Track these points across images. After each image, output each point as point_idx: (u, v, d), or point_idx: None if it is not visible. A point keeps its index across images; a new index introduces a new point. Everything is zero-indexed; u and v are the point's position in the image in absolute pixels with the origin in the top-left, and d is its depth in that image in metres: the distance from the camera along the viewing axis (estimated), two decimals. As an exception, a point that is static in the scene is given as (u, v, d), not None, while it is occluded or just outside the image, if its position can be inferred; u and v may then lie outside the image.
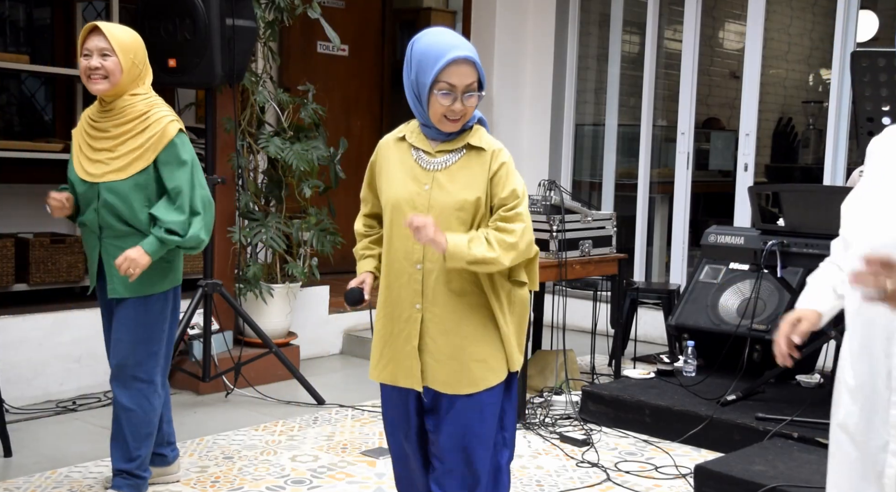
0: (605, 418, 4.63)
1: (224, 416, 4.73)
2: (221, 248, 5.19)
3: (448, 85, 2.42)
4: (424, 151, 2.56)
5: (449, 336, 2.54)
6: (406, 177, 2.55)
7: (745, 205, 6.05)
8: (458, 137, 2.54)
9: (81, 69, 3.28)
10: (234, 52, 4.66)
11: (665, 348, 5.85)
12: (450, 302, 2.52)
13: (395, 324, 2.59)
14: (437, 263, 2.50)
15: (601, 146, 7.34)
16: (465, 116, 2.48)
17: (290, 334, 5.62)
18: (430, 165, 2.54)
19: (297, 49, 7.06)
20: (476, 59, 2.45)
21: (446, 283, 2.51)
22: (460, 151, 2.54)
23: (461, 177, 2.51)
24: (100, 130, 3.31)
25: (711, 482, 3.61)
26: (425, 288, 2.52)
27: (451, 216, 2.49)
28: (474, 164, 2.52)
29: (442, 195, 2.50)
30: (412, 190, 2.52)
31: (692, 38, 6.57)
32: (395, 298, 2.57)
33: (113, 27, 3.32)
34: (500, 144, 2.58)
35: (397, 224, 2.54)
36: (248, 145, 5.40)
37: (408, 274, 2.54)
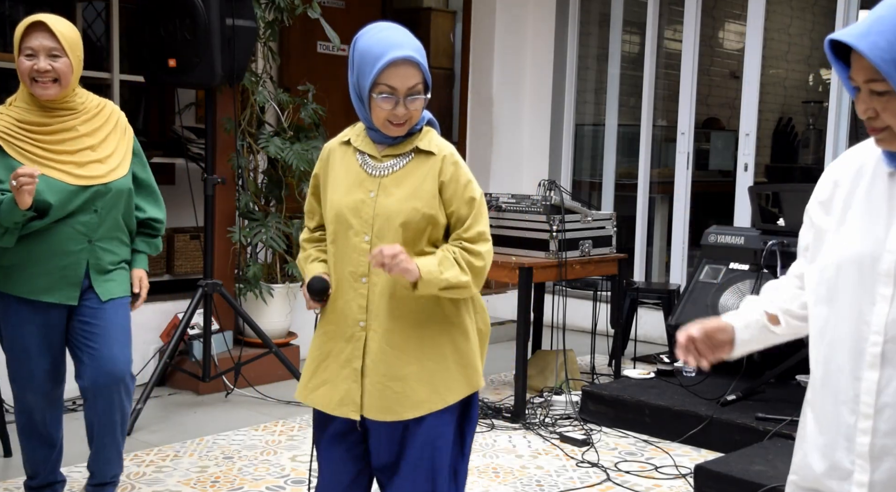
0: (605, 418, 4.63)
1: (224, 416, 4.73)
2: (221, 248, 5.19)
3: (388, 88, 2.23)
4: (370, 155, 2.36)
5: (393, 356, 2.32)
6: (351, 183, 2.35)
7: (745, 205, 6.05)
8: (405, 141, 2.36)
9: (24, 70, 2.97)
10: (234, 52, 4.66)
11: (665, 348, 5.85)
12: (398, 318, 2.31)
13: (334, 343, 2.37)
14: (384, 276, 2.28)
15: (601, 146, 7.34)
16: (410, 121, 2.30)
17: (290, 334, 5.62)
18: (376, 171, 2.34)
19: (297, 49, 7.06)
20: (419, 59, 2.25)
21: (394, 297, 2.31)
22: (408, 155, 2.35)
23: (409, 182, 2.32)
24: (59, 133, 3.05)
25: (711, 482, 3.61)
26: (370, 304, 2.32)
27: (398, 225, 2.29)
28: (423, 168, 2.33)
29: (389, 202, 2.30)
30: (357, 197, 2.33)
31: (692, 38, 6.57)
32: (338, 315, 2.36)
33: (57, 22, 3.02)
34: (450, 148, 2.39)
35: (341, 234, 2.34)
36: (248, 145, 5.40)
37: (353, 289, 2.33)
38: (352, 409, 2.34)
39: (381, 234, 2.30)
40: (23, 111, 3.04)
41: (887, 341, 1.68)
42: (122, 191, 3.14)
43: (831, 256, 1.77)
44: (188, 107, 5.94)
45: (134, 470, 3.91)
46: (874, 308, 1.69)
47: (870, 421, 1.70)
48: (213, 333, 5.00)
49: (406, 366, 2.33)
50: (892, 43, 1.58)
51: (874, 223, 1.72)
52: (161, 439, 4.33)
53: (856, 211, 1.76)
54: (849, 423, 1.72)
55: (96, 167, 3.09)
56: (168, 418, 4.66)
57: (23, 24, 3.01)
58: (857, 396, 1.71)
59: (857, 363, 1.71)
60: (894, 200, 1.71)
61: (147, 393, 4.54)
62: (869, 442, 1.70)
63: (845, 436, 1.73)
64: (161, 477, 3.84)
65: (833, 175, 1.84)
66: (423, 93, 2.29)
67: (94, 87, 5.79)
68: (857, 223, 1.75)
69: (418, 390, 2.33)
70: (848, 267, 1.73)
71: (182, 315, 4.90)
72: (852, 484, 1.73)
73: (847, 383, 1.72)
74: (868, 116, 1.67)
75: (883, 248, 1.69)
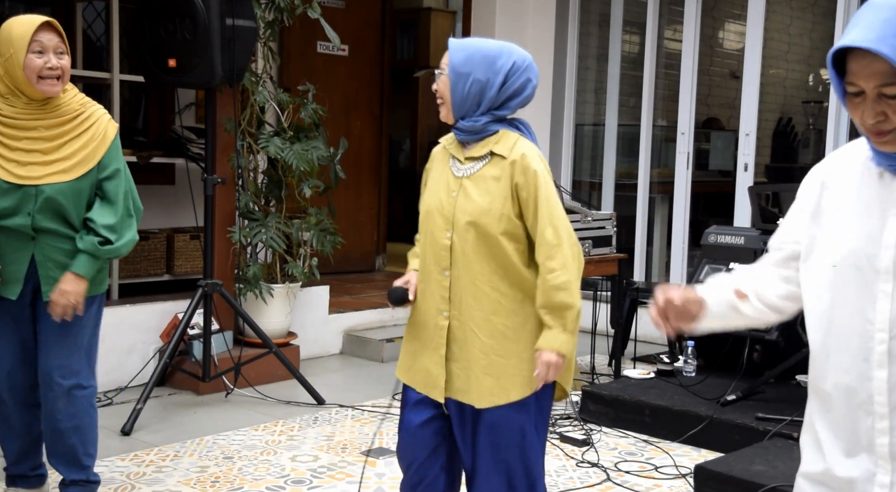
0: (605, 418, 4.63)
1: (224, 416, 4.73)
2: (221, 248, 5.19)
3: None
4: (457, 158, 2.56)
5: (469, 345, 2.50)
6: (440, 184, 2.57)
7: (745, 205, 6.05)
8: (481, 143, 2.52)
9: (35, 67, 3.00)
10: (234, 52, 4.65)
11: (665, 348, 5.85)
12: (476, 310, 2.48)
13: (422, 331, 2.58)
14: (465, 269, 2.48)
15: (601, 146, 7.34)
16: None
17: (290, 334, 5.62)
18: (459, 172, 2.54)
19: (297, 49, 7.06)
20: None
21: (475, 289, 2.48)
22: (486, 157, 2.51)
23: (485, 185, 2.48)
24: (22, 130, 3.05)
25: (711, 482, 3.61)
26: (452, 295, 2.51)
27: (477, 225, 2.46)
28: (497, 171, 2.48)
29: (466, 203, 2.49)
30: (442, 198, 2.53)
31: (692, 38, 6.57)
32: (424, 305, 2.57)
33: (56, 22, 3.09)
34: (523, 149, 2.48)
35: (428, 231, 2.56)
36: (248, 145, 5.40)
37: (436, 281, 2.53)
38: (437, 392, 2.55)
39: (461, 232, 2.49)
40: (3, 103, 3.06)
41: (893, 338, 1.67)
42: (63, 192, 3.07)
43: (827, 258, 1.76)
44: (188, 107, 5.94)
45: (134, 470, 3.91)
46: (876, 306, 1.69)
47: (886, 421, 1.69)
48: (213, 333, 5.00)
49: (479, 358, 2.50)
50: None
51: (868, 222, 1.72)
52: (161, 439, 4.33)
53: (848, 212, 1.76)
54: (866, 425, 1.71)
55: (35, 168, 3.05)
56: (168, 418, 4.66)
57: (33, 22, 3.02)
58: (870, 396, 1.70)
59: (866, 364, 1.70)
60: (886, 198, 1.72)
61: (147, 393, 4.54)
62: (888, 442, 1.69)
63: (866, 438, 1.71)
64: (161, 477, 3.84)
65: (819, 177, 1.83)
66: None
67: (95, 88, 5.83)
68: (850, 224, 1.75)
69: (485, 382, 2.49)
70: (845, 268, 1.72)
71: (182, 315, 4.90)
72: (874, 485, 1.71)
73: (858, 385, 1.71)
74: (877, 121, 1.64)
75: (879, 245, 1.69)
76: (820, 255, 1.78)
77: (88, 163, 3.11)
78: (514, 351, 2.49)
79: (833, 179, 1.81)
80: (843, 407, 1.74)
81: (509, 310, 2.49)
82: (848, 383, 1.72)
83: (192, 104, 6.05)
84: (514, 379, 2.49)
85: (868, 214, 1.73)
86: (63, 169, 3.08)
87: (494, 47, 2.51)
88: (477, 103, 2.48)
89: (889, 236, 1.69)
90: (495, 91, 2.48)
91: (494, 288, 2.48)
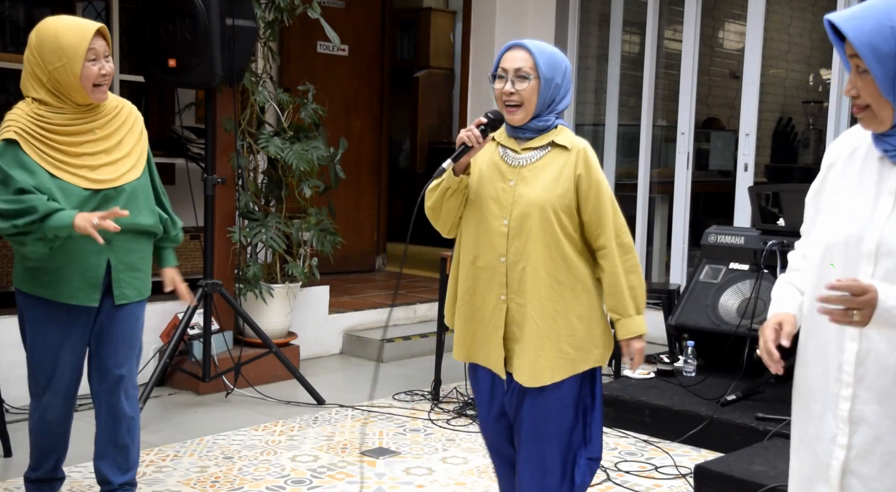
0: (605, 418, 4.63)
1: (224, 416, 4.73)
2: (221, 248, 5.19)
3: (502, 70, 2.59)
4: (511, 148, 2.64)
5: (528, 327, 2.59)
6: (493, 174, 2.63)
7: (745, 205, 6.05)
8: (542, 135, 2.62)
9: (91, 75, 2.99)
10: (234, 52, 4.65)
11: (665, 348, 5.85)
12: (531, 294, 2.58)
13: (481, 312, 2.66)
14: (520, 255, 2.57)
15: (601, 146, 7.33)
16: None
17: (290, 334, 5.62)
18: (515, 162, 2.62)
19: (297, 49, 7.06)
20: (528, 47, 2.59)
21: (533, 274, 2.57)
22: (545, 148, 2.62)
23: (546, 174, 2.58)
24: (79, 135, 3.04)
25: (711, 482, 3.61)
26: (509, 280, 2.59)
27: (536, 213, 2.55)
28: (559, 162, 2.59)
29: (527, 191, 2.57)
30: (498, 187, 2.61)
31: (692, 38, 6.57)
32: (482, 289, 2.65)
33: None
34: (583, 143, 2.64)
35: (483, 218, 2.62)
36: (248, 145, 5.40)
37: (493, 267, 2.61)
38: (499, 369, 2.66)
39: (519, 218, 2.57)
40: (47, 110, 3.00)
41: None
42: (134, 193, 3.12)
43: (822, 237, 1.91)
44: (188, 107, 5.94)
45: (134, 470, 3.91)
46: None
47: (850, 389, 1.87)
48: (213, 333, 5.00)
49: (535, 340, 2.59)
50: (875, 29, 1.73)
51: (862, 205, 1.85)
52: (161, 439, 4.33)
53: (847, 193, 1.89)
54: (833, 391, 1.90)
55: (108, 170, 3.07)
56: (168, 418, 4.66)
57: (85, 31, 2.97)
58: (840, 365, 1.88)
59: (840, 336, 1.87)
60: (882, 183, 1.85)
61: (147, 393, 4.55)
62: (849, 408, 1.87)
63: (833, 402, 1.90)
64: (161, 477, 3.84)
65: (829, 157, 1.99)
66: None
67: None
68: (847, 205, 1.87)
69: (540, 363, 2.60)
70: (836, 247, 1.87)
71: (182, 315, 4.90)
72: (835, 445, 1.91)
73: (833, 355, 1.89)
74: (852, 95, 1.82)
75: (867, 228, 1.83)
76: (817, 234, 1.94)
77: (143, 159, 3.18)
78: (564, 335, 2.60)
79: (840, 160, 1.95)
80: (819, 372, 1.93)
81: (562, 295, 2.59)
82: (826, 352, 1.91)
83: (192, 104, 6.05)
84: (561, 362, 2.60)
85: (862, 197, 1.86)
86: (132, 166, 3.12)
87: (555, 50, 2.65)
88: (549, 104, 2.61)
89: (876, 221, 1.82)
90: (562, 92, 2.63)
91: (550, 274, 2.58)
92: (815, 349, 1.93)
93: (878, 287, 1.69)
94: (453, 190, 2.62)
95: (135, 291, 3.21)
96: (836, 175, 1.94)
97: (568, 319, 2.61)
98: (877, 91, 1.77)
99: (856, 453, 1.87)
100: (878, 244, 1.80)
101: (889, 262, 1.78)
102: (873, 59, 1.74)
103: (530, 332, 2.60)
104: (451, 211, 2.67)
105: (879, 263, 1.80)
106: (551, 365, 2.60)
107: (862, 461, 1.87)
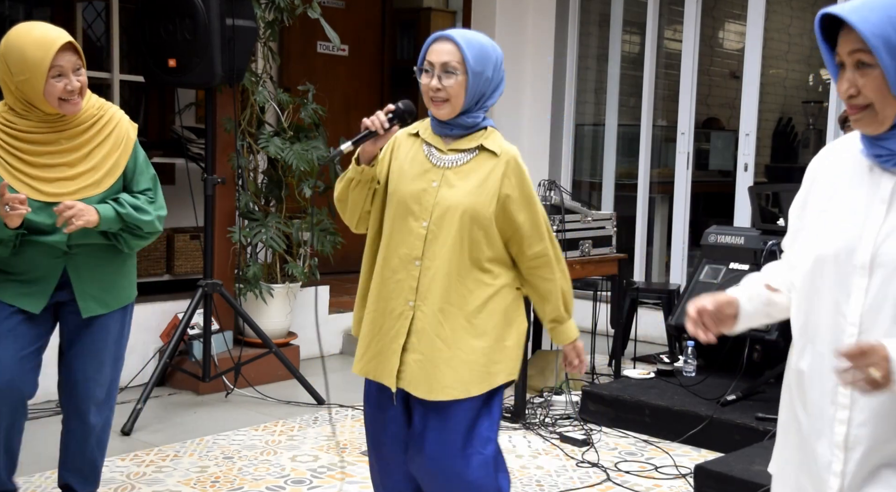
0: (605, 418, 4.63)
1: (224, 416, 4.73)
2: (221, 248, 5.19)
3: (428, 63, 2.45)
4: (436, 147, 2.51)
5: (433, 337, 2.46)
6: (415, 172, 2.50)
7: (745, 205, 6.05)
8: (470, 136, 2.50)
9: (55, 91, 2.85)
10: (234, 52, 4.66)
11: (665, 348, 5.85)
12: (446, 303, 2.45)
13: (385, 319, 2.51)
14: (435, 259, 2.44)
15: (601, 146, 7.34)
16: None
17: (290, 334, 5.62)
18: (441, 162, 2.49)
19: (297, 49, 7.06)
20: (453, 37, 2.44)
21: (448, 281, 2.44)
22: (473, 151, 2.49)
23: (471, 179, 2.46)
24: (42, 144, 2.92)
25: (711, 482, 3.61)
26: (420, 286, 2.46)
27: (457, 217, 2.43)
28: (486, 167, 2.47)
29: (451, 194, 2.45)
30: (420, 186, 2.47)
31: (692, 38, 6.57)
32: (389, 293, 2.50)
33: (69, 35, 2.92)
34: (513, 149, 2.52)
35: (400, 218, 2.49)
36: (248, 145, 5.40)
37: (405, 270, 2.48)
38: (390, 380, 2.51)
39: (439, 222, 2.45)
40: (15, 116, 2.92)
41: (862, 332, 1.71)
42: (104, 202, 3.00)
43: (811, 251, 1.80)
44: (188, 107, 5.94)
45: (134, 470, 3.91)
46: (850, 300, 1.72)
47: (846, 412, 1.74)
48: (213, 333, 5.00)
49: (441, 350, 2.46)
50: (883, 19, 1.64)
51: (852, 217, 1.75)
52: (161, 439, 4.33)
53: (835, 206, 1.79)
54: (829, 414, 1.77)
55: (64, 184, 2.94)
56: (168, 418, 4.66)
57: (52, 43, 2.84)
58: (835, 387, 1.74)
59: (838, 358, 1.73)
60: (873, 191, 1.75)
61: (147, 393, 4.54)
62: (844, 432, 1.75)
63: (828, 427, 1.77)
64: (161, 477, 3.84)
65: (813, 170, 1.89)
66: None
67: (94, 88, 5.79)
68: (836, 218, 1.78)
69: (447, 375, 2.45)
70: (826, 261, 1.76)
71: (182, 315, 4.90)
72: (830, 473, 1.77)
73: (828, 375, 1.75)
74: (849, 95, 1.70)
75: (860, 240, 1.72)
76: (804, 248, 1.83)
77: (115, 172, 3.01)
78: (479, 346, 2.47)
79: (823, 172, 1.86)
80: (816, 392, 1.80)
81: (474, 304, 2.47)
82: (820, 371, 1.78)
83: (192, 104, 6.05)
84: (475, 374, 2.47)
85: (853, 209, 1.76)
86: (93, 182, 2.97)
87: (485, 40, 2.48)
88: (477, 100, 2.47)
89: (869, 232, 1.72)
90: (493, 86, 2.48)
91: (467, 280, 2.46)
92: (809, 371, 1.81)
93: (886, 344, 1.60)
94: (356, 180, 2.48)
95: (100, 305, 3.07)
96: (820, 189, 1.84)
97: (479, 330, 2.46)
98: (884, 87, 1.66)
99: (850, 481, 1.75)
100: (873, 255, 1.70)
101: (884, 273, 1.69)
102: (885, 52, 1.64)
103: (439, 342, 2.45)
104: (357, 203, 2.52)
105: (874, 276, 1.70)
106: (446, 381, 2.44)
107: (856, 490, 1.75)
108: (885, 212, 1.72)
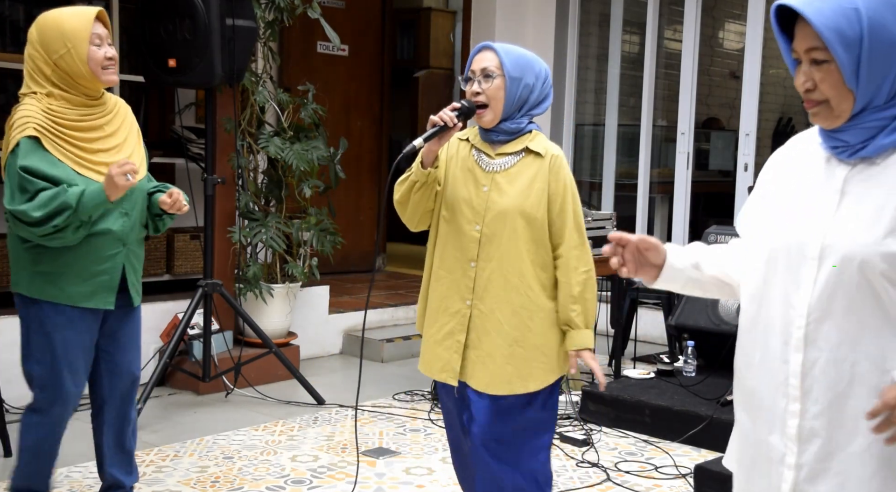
0: (605, 418, 4.63)
1: (224, 416, 4.73)
2: (221, 248, 5.19)
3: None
4: (485, 152, 2.63)
5: (493, 335, 2.59)
6: (466, 177, 2.62)
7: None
8: (516, 140, 2.62)
9: (98, 59, 2.92)
10: (234, 52, 4.65)
11: (665, 348, 5.85)
12: (500, 301, 2.58)
13: (442, 317, 2.65)
14: (491, 261, 2.57)
15: (601, 146, 7.34)
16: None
17: (290, 334, 5.62)
18: (489, 167, 2.61)
19: (297, 49, 7.06)
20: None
21: (501, 281, 2.57)
22: (519, 154, 2.61)
23: (520, 181, 2.58)
24: (92, 130, 2.98)
25: (711, 482, 3.61)
26: (476, 286, 2.59)
27: (508, 220, 2.55)
28: (533, 169, 2.59)
29: (500, 198, 2.57)
30: (471, 191, 2.60)
31: (692, 38, 6.57)
32: (446, 292, 2.64)
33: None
34: (557, 149, 2.65)
35: (454, 221, 2.62)
36: (248, 145, 5.40)
37: (461, 270, 2.61)
38: (450, 375, 2.64)
39: (491, 225, 2.57)
40: (57, 105, 2.92)
41: (809, 323, 1.70)
42: (143, 191, 3.10)
43: (765, 243, 1.79)
44: (188, 107, 5.94)
45: (134, 470, 3.91)
46: (799, 291, 1.71)
47: (798, 404, 1.73)
48: (213, 333, 5.00)
49: (499, 348, 2.59)
50: (837, 12, 1.61)
51: (806, 209, 1.74)
52: (161, 439, 4.33)
53: (791, 198, 1.78)
54: (781, 406, 1.75)
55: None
56: (168, 418, 4.66)
57: (87, 15, 2.93)
58: (786, 379, 1.74)
59: (785, 347, 1.74)
60: (827, 183, 1.73)
61: (147, 393, 4.55)
62: (797, 424, 1.73)
63: (780, 419, 1.75)
64: (161, 477, 3.84)
65: (774, 161, 1.87)
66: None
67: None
68: (791, 210, 1.76)
69: (507, 371, 2.59)
70: (779, 253, 1.75)
71: (182, 315, 4.90)
72: (784, 466, 1.75)
73: (778, 367, 1.75)
74: (806, 89, 1.69)
75: (812, 232, 1.71)
76: (759, 240, 1.81)
77: (145, 156, 3.16)
78: (536, 344, 2.60)
79: (785, 163, 1.84)
80: (766, 387, 1.78)
81: (535, 303, 2.59)
82: (770, 364, 1.77)
83: (192, 104, 6.05)
84: (534, 371, 2.60)
85: (807, 200, 1.75)
86: (138, 164, 3.02)
87: (528, 53, 2.64)
88: (520, 106, 2.59)
89: (822, 224, 1.71)
90: (536, 95, 2.60)
91: (522, 281, 2.57)
92: (760, 363, 1.79)
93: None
94: (421, 183, 2.58)
95: (138, 295, 3.18)
96: (780, 179, 1.82)
97: (535, 327, 2.60)
98: (840, 81, 1.64)
99: (806, 473, 1.73)
100: (822, 246, 1.68)
101: (831, 263, 1.67)
102: (839, 45, 1.61)
103: (492, 340, 2.59)
104: (419, 205, 2.64)
105: (823, 266, 1.68)
106: (507, 376, 2.59)
107: (812, 482, 1.72)
108: (838, 202, 1.70)
